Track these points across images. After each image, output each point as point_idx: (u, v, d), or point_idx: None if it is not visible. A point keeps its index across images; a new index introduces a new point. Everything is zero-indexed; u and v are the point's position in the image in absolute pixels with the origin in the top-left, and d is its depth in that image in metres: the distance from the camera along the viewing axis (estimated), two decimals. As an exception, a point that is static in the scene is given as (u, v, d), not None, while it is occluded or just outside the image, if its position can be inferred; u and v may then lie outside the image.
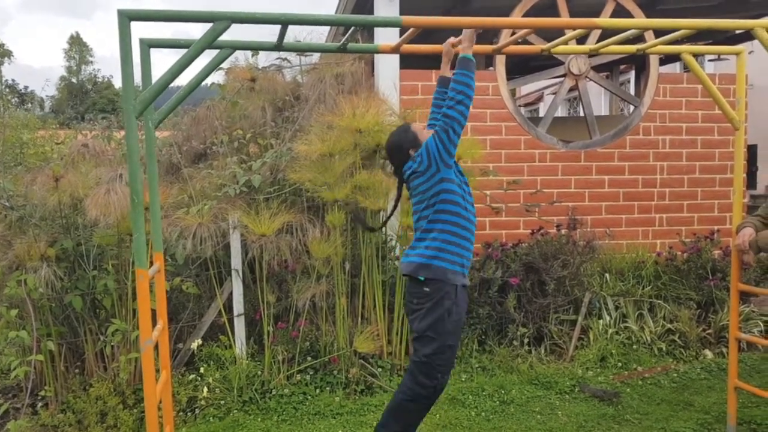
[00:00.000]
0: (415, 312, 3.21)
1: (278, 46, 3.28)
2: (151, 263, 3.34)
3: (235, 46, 3.15)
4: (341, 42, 3.37)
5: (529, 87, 20.41)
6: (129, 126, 2.74)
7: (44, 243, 4.63)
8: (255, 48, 3.34)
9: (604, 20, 3.08)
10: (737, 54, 3.90)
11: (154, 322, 3.44)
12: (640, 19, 3.11)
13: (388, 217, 3.83)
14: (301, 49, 3.62)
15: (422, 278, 3.17)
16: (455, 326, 3.21)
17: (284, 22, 2.85)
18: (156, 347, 3.53)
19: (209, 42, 2.74)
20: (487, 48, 3.65)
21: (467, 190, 3.29)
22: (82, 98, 39.47)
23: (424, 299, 3.17)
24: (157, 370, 3.46)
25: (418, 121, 5.71)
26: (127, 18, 2.67)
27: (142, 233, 2.80)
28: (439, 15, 6.93)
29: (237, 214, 4.85)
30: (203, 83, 6.49)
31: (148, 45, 3.27)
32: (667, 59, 8.97)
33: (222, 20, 2.69)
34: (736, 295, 3.99)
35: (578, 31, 3.34)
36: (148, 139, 3.33)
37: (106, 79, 42.57)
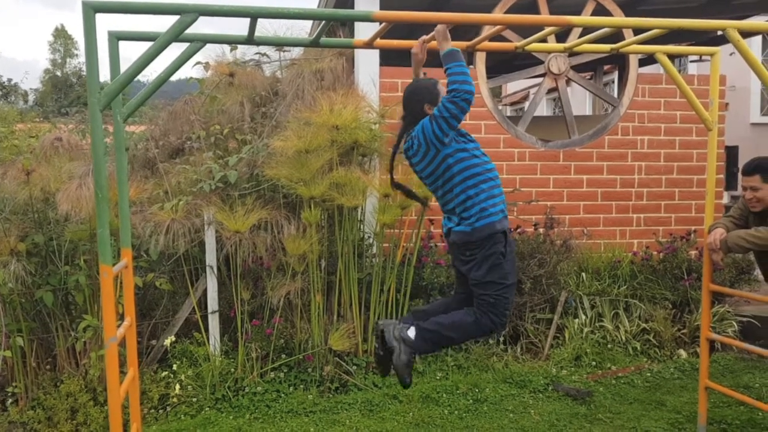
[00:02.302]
0: (469, 262, 3.21)
1: (249, 40, 3.24)
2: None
3: (205, 39, 3.11)
4: (314, 36, 3.34)
5: (514, 86, 20.45)
6: (94, 119, 2.70)
7: (15, 237, 4.57)
8: (226, 41, 3.30)
9: (577, 18, 3.08)
10: (712, 55, 3.92)
11: (122, 319, 3.41)
12: (612, 18, 3.10)
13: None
14: (273, 43, 3.58)
15: (477, 240, 3.17)
16: (512, 265, 3.26)
17: (253, 15, 2.82)
18: (125, 344, 3.49)
19: (176, 34, 2.70)
20: (460, 45, 3.62)
21: (473, 145, 3.25)
22: (67, 91, 39.00)
23: (476, 249, 3.18)
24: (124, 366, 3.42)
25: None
26: (92, 10, 2.63)
27: (106, 228, 2.75)
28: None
29: (212, 210, 4.81)
30: (184, 78, 6.43)
31: (116, 38, 3.22)
32: (649, 60, 9.00)
33: (189, 12, 2.66)
34: (708, 296, 4.01)
35: (551, 28, 3.33)
36: (116, 132, 3.28)
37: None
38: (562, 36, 6.04)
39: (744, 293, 4.37)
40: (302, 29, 11.58)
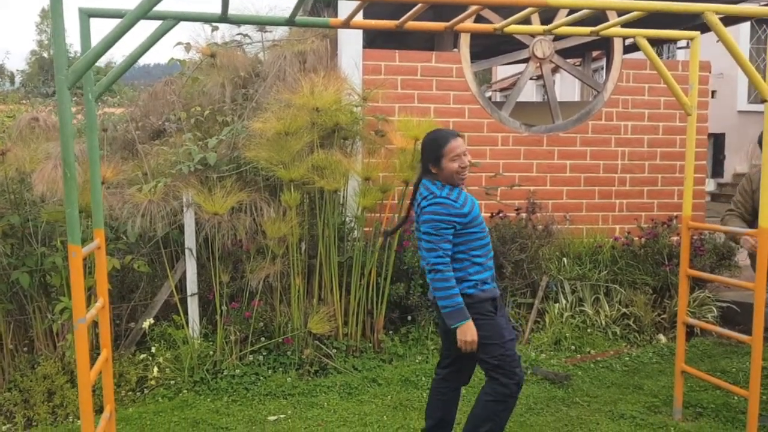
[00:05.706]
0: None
1: (223, 18, 3.19)
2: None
3: (178, 17, 3.05)
4: (289, 15, 3.29)
5: (505, 72, 20.37)
6: (61, 98, 2.65)
7: (-11, 218, 4.52)
8: (199, 19, 3.24)
9: None
10: (691, 39, 3.90)
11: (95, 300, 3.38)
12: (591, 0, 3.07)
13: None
14: (247, 21, 3.53)
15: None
16: (503, 321, 3.31)
17: (224, -8, 2.77)
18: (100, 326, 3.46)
19: (145, 11, 2.65)
20: (438, 25, 3.59)
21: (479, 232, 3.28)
22: (54, 73, 38.67)
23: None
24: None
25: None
26: (57, -15, 2.57)
27: (74, 208, 2.72)
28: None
29: (190, 192, 4.76)
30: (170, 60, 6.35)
31: (87, 14, 3.16)
32: (636, 46, 8.97)
33: (158, -11, 2.60)
34: (685, 280, 4.03)
35: (528, 9, 3.29)
36: (88, 111, 3.23)
37: (78, 54, 41.58)
38: (549, 21, 5.99)
39: (721, 278, 4.37)
40: (284, 10, 11.46)
